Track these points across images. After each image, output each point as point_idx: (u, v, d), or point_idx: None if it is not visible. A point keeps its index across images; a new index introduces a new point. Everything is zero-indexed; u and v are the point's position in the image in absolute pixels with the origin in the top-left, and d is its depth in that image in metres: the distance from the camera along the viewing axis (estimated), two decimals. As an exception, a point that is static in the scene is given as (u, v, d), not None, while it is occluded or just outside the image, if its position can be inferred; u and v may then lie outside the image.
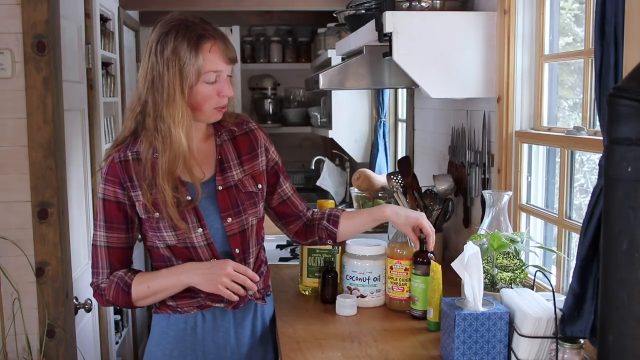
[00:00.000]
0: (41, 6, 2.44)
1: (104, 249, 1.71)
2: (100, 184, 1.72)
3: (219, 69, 1.66)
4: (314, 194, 4.81)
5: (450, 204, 2.54)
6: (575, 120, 2.04)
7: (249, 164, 1.81)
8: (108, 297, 1.72)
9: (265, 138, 1.87)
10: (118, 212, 1.70)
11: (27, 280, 2.54)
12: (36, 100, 2.47)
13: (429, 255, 1.93)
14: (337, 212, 1.96)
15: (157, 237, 1.72)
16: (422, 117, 3.20)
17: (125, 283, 1.70)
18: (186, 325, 1.78)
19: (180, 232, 1.70)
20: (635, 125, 1.12)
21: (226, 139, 1.81)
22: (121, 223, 1.71)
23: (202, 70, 1.64)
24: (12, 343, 2.56)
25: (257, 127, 1.88)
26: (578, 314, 1.47)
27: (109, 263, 1.72)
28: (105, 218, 1.70)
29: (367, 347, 1.75)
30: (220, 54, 1.66)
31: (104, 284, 1.72)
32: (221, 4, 3.95)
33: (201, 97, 1.67)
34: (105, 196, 1.70)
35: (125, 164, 1.70)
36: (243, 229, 1.77)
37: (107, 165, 1.71)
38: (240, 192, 1.77)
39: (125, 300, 1.71)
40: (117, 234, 1.71)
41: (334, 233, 1.93)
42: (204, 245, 1.73)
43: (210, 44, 1.65)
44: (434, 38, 2.16)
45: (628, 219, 1.14)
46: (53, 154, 2.50)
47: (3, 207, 2.51)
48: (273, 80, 5.34)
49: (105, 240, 1.71)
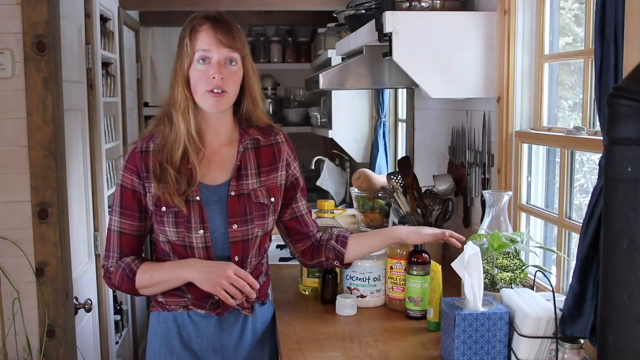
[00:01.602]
0: (41, 6, 2.44)
1: (117, 234, 1.76)
2: (120, 170, 1.77)
3: (206, 48, 1.69)
4: (314, 194, 4.80)
5: (450, 204, 2.54)
6: (575, 120, 2.04)
7: (267, 175, 1.81)
8: (114, 281, 1.77)
9: (289, 153, 1.87)
10: (133, 200, 1.75)
11: (27, 280, 2.54)
12: (36, 100, 2.47)
13: (424, 256, 1.94)
14: (346, 234, 1.95)
15: (160, 231, 1.75)
16: (422, 117, 3.20)
17: (131, 270, 1.74)
18: (173, 324, 1.80)
19: (181, 230, 1.72)
20: (635, 125, 1.12)
21: (249, 147, 1.81)
22: (135, 211, 1.75)
23: (195, 49, 1.69)
24: (12, 343, 2.56)
25: (285, 141, 1.87)
26: (578, 314, 1.47)
27: (120, 248, 1.77)
28: (121, 204, 1.76)
29: (367, 347, 1.75)
30: (211, 35, 1.69)
31: (112, 267, 1.77)
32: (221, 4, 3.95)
33: (194, 78, 1.71)
34: (123, 183, 1.75)
35: (145, 154, 1.74)
36: (246, 239, 1.77)
37: (129, 153, 1.76)
38: (251, 201, 1.77)
39: (129, 287, 1.76)
40: (130, 221, 1.76)
41: (341, 253, 1.91)
42: (202, 247, 1.73)
43: (204, 26, 1.70)
44: (434, 38, 2.16)
45: (628, 219, 1.14)
46: (53, 154, 2.49)
47: (3, 207, 2.51)
48: (273, 80, 5.34)
49: (118, 225, 1.76)
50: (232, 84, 1.72)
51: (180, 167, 1.71)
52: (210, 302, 1.78)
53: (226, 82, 1.70)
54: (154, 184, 1.71)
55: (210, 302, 1.78)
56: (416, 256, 1.96)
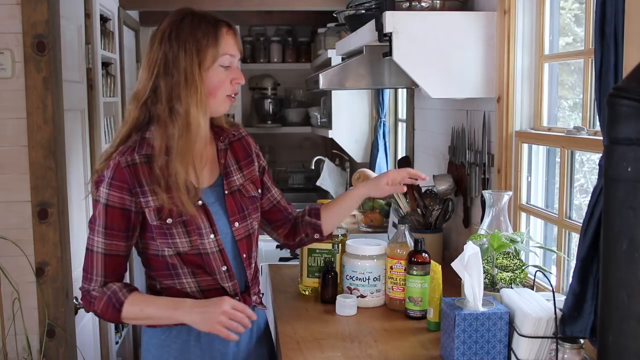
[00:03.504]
0: (41, 6, 2.45)
1: (101, 256, 1.64)
2: (103, 188, 1.61)
3: (233, 53, 1.67)
4: (314, 194, 4.81)
5: (450, 204, 2.54)
6: (575, 120, 2.04)
7: (247, 169, 1.81)
8: (96, 308, 1.64)
9: (254, 144, 1.88)
10: (121, 219, 1.62)
11: (27, 280, 2.54)
12: (36, 100, 2.47)
13: (423, 255, 1.94)
14: (317, 206, 1.96)
15: (168, 244, 1.65)
16: (422, 117, 3.20)
17: (118, 300, 1.62)
18: (189, 337, 1.71)
19: (194, 238, 1.65)
20: (635, 125, 1.12)
21: (227, 144, 1.81)
22: (122, 231, 1.63)
23: (219, 53, 1.63)
24: (12, 343, 2.56)
25: (247, 134, 1.88)
26: (578, 314, 1.47)
27: (104, 271, 1.64)
28: (106, 224, 1.62)
29: (367, 347, 1.75)
30: (235, 40, 1.68)
31: (96, 292, 1.64)
32: (221, 4, 3.95)
33: (216, 81, 1.65)
34: (109, 202, 1.61)
35: (133, 167, 1.61)
36: (249, 234, 1.76)
37: (112, 170, 1.61)
38: (244, 196, 1.76)
39: (114, 317, 1.64)
40: (117, 242, 1.63)
41: (318, 225, 1.92)
42: (216, 251, 1.68)
43: (226, 28, 1.66)
44: (434, 38, 2.16)
45: (628, 219, 1.14)
46: (53, 154, 2.50)
47: (3, 207, 2.51)
48: (273, 80, 5.34)
49: (103, 247, 1.63)
50: None
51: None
52: None
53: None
54: (155, 197, 1.61)
55: None
56: (416, 256, 1.96)
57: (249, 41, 5.37)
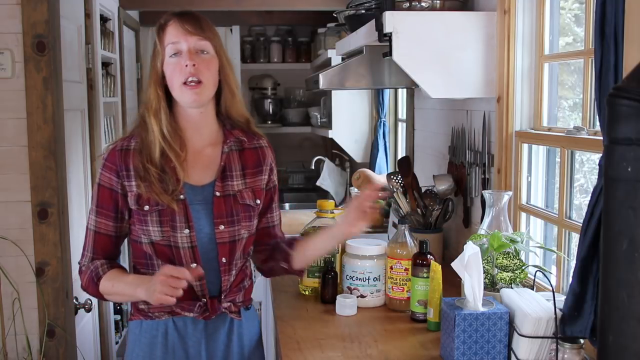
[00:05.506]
0: (41, 6, 2.45)
1: (92, 233, 1.74)
2: (99, 168, 1.74)
3: (175, 40, 1.68)
4: (314, 194, 4.81)
5: (450, 204, 2.54)
6: (575, 120, 2.04)
7: (252, 178, 1.79)
8: (82, 282, 1.76)
9: (272, 159, 1.86)
10: (109, 199, 1.72)
11: (27, 280, 2.54)
12: (36, 100, 2.47)
13: (429, 257, 1.93)
14: (298, 238, 1.91)
15: (143, 231, 1.70)
16: (422, 117, 3.20)
17: (97, 275, 1.71)
18: (157, 332, 1.74)
19: (166, 228, 1.68)
20: (635, 125, 1.12)
21: (233, 149, 1.79)
22: (110, 210, 1.72)
23: (165, 45, 1.68)
24: (12, 343, 2.56)
25: (268, 146, 1.86)
26: (578, 314, 1.47)
27: (93, 247, 1.74)
28: (98, 203, 1.73)
29: (367, 347, 1.75)
30: (178, 26, 1.68)
31: (84, 267, 1.75)
32: (221, 4, 3.95)
33: (169, 72, 1.69)
34: (101, 182, 1.72)
35: (125, 152, 1.71)
36: (234, 240, 1.74)
37: (107, 152, 1.73)
38: (237, 202, 1.75)
39: (94, 291, 1.73)
40: (105, 220, 1.72)
41: (289, 255, 1.84)
42: (188, 247, 1.69)
43: (171, 22, 1.70)
44: (434, 38, 2.16)
45: (628, 219, 1.14)
46: (53, 154, 2.50)
47: (3, 207, 2.51)
48: (273, 80, 5.34)
49: (94, 224, 1.73)
50: (206, 73, 1.68)
51: (165, 166, 1.69)
52: (198, 305, 1.73)
53: (200, 70, 1.66)
54: (138, 183, 1.69)
55: (197, 305, 1.73)
56: (421, 258, 1.94)
57: (249, 41, 5.38)
